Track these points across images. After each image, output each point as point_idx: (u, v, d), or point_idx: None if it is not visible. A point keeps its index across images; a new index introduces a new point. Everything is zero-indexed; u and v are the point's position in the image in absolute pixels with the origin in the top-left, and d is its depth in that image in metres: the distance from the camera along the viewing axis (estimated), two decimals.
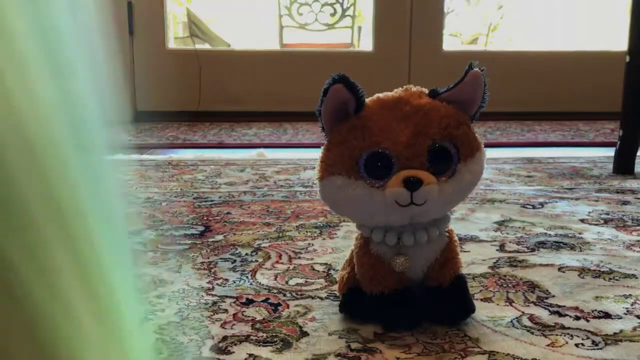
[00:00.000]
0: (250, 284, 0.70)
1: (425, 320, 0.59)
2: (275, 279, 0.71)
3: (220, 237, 0.89)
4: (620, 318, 0.60)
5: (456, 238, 0.61)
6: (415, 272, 0.59)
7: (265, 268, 0.76)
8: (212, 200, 1.13)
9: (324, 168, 0.56)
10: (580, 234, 0.89)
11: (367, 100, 0.56)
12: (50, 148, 0.25)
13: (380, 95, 0.56)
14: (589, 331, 0.58)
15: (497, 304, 0.64)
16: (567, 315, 0.61)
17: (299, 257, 0.79)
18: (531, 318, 0.61)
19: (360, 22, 3.04)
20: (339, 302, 0.63)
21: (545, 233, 0.90)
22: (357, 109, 0.54)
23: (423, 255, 0.58)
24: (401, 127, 0.54)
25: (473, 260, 0.78)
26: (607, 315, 0.61)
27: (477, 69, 0.55)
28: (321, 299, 0.66)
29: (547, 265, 0.76)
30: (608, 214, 1.00)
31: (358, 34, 3.11)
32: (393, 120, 0.54)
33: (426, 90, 0.58)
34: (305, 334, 0.57)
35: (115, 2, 2.52)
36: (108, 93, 0.30)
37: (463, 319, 0.59)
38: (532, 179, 1.29)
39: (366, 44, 2.91)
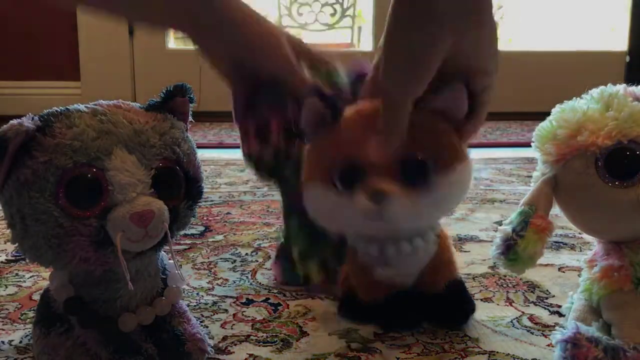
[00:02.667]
0: (251, 284, 0.71)
1: (425, 321, 0.59)
2: (276, 279, 0.71)
3: (220, 237, 0.90)
4: None
5: (449, 243, 0.60)
6: (405, 281, 0.58)
7: (266, 268, 0.76)
8: (212, 200, 1.13)
9: (306, 171, 0.56)
10: (580, 234, 0.89)
11: (347, 109, 0.55)
12: None
13: (360, 104, 0.55)
14: None
15: (497, 304, 0.64)
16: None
17: None
18: (531, 318, 0.61)
19: (360, 22, 3.04)
20: (337, 303, 0.63)
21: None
22: (334, 119, 0.54)
23: (410, 265, 0.57)
24: (375, 137, 0.52)
25: (473, 260, 0.78)
26: None
27: (460, 82, 0.51)
28: (321, 299, 0.66)
29: (547, 265, 0.76)
30: None
31: (358, 34, 3.11)
32: (368, 130, 0.52)
33: None
34: (305, 334, 0.57)
35: None
36: None
37: (462, 323, 0.59)
38: (532, 179, 1.29)
39: (366, 43, 2.91)
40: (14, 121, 0.40)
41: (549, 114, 0.51)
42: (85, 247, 0.41)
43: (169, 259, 0.50)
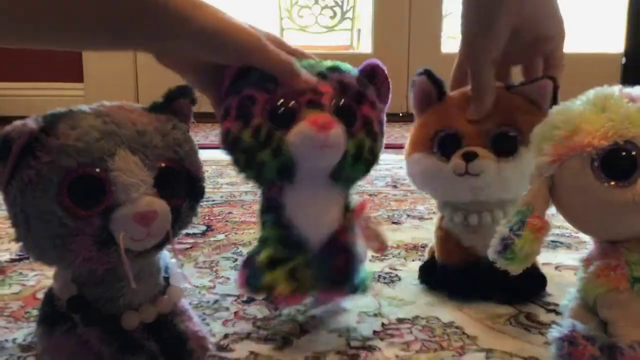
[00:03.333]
0: None
1: (495, 295, 0.64)
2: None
3: (221, 236, 0.90)
4: None
5: None
6: (483, 251, 0.60)
7: None
8: (213, 200, 1.13)
9: (409, 147, 0.65)
10: (576, 233, 0.90)
11: (453, 92, 0.66)
12: None
13: (463, 88, 0.65)
14: None
15: (495, 302, 0.65)
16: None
17: None
18: (528, 316, 0.61)
19: (359, 25, 3.04)
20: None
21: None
22: (439, 97, 0.64)
23: (489, 235, 0.58)
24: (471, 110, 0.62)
25: None
26: None
27: (549, 79, 0.61)
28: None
29: (544, 264, 0.77)
30: None
31: (357, 36, 3.12)
32: (468, 106, 0.62)
33: (502, 85, 0.64)
34: (305, 331, 0.58)
35: None
36: None
37: (531, 298, 0.64)
38: (529, 179, 1.30)
39: (365, 45, 2.91)
40: (18, 122, 0.41)
41: None
42: (88, 247, 0.42)
43: (171, 258, 0.51)
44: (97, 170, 0.41)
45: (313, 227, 0.56)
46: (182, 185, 0.46)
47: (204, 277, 0.73)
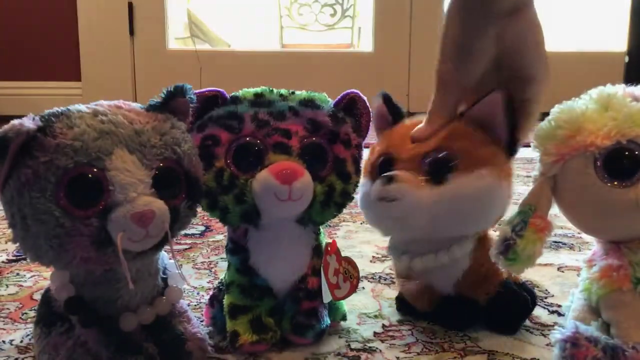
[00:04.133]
0: None
1: (479, 322, 0.58)
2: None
3: (220, 236, 0.90)
4: None
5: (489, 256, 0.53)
6: (443, 290, 0.59)
7: None
8: None
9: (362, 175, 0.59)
10: (579, 233, 0.89)
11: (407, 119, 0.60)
12: None
13: (421, 116, 0.58)
14: None
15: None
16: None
17: None
18: (530, 317, 0.61)
19: (360, 23, 3.04)
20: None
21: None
22: (395, 123, 0.60)
23: (439, 277, 0.58)
24: (409, 137, 0.56)
25: None
26: None
27: (499, 92, 0.52)
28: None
29: (546, 264, 0.77)
30: None
31: (358, 34, 3.12)
32: (407, 132, 0.56)
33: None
34: None
35: (115, 2, 2.52)
36: None
37: (509, 334, 0.57)
38: (531, 179, 1.29)
39: (366, 44, 2.91)
40: (15, 121, 0.40)
41: (548, 114, 0.51)
42: (86, 247, 0.41)
43: (170, 259, 0.51)
44: (95, 169, 0.41)
45: (278, 274, 0.55)
46: (180, 185, 0.46)
47: (203, 278, 0.73)
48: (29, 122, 0.41)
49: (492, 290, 0.58)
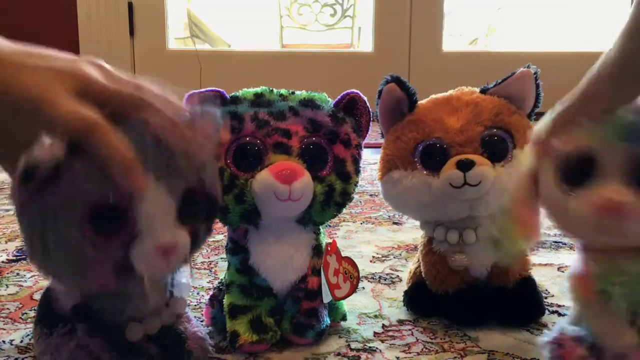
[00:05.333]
0: None
1: (491, 319, 0.59)
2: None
3: (220, 236, 0.90)
4: None
5: None
6: (479, 270, 0.59)
7: None
8: None
9: (382, 166, 0.59)
10: None
11: (421, 101, 0.59)
12: None
13: (433, 95, 0.59)
14: None
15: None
16: (565, 314, 0.61)
17: None
18: None
19: (360, 23, 3.04)
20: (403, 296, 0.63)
21: (545, 233, 0.90)
22: (410, 107, 0.58)
23: (485, 253, 0.57)
24: (453, 118, 0.56)
25: None
26: None
27: (527, 68, 0.57)
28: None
29: (546, 264, 0.77)
30: None
31: (358, 34, 3.12)
32: (444, 113, 0.57)
33: (477, 89, 0.60)
34: None
35: (115, 2, 2.53)
36: None
37: (529, 323, 0.58)
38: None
39: (366, 44, 2.91)
40: (44, 144, 0.37)
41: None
42: (105, 275, 0.40)
43: (188, 277, 0.49)
44: (121, 199, 0.39)
45: (278, 274, 0.55)
46: (201, 210, 0.44)
47: (203, 278, 0.73)
48: (58, 149, 0.37)
49: (523, 274, 0.59)
